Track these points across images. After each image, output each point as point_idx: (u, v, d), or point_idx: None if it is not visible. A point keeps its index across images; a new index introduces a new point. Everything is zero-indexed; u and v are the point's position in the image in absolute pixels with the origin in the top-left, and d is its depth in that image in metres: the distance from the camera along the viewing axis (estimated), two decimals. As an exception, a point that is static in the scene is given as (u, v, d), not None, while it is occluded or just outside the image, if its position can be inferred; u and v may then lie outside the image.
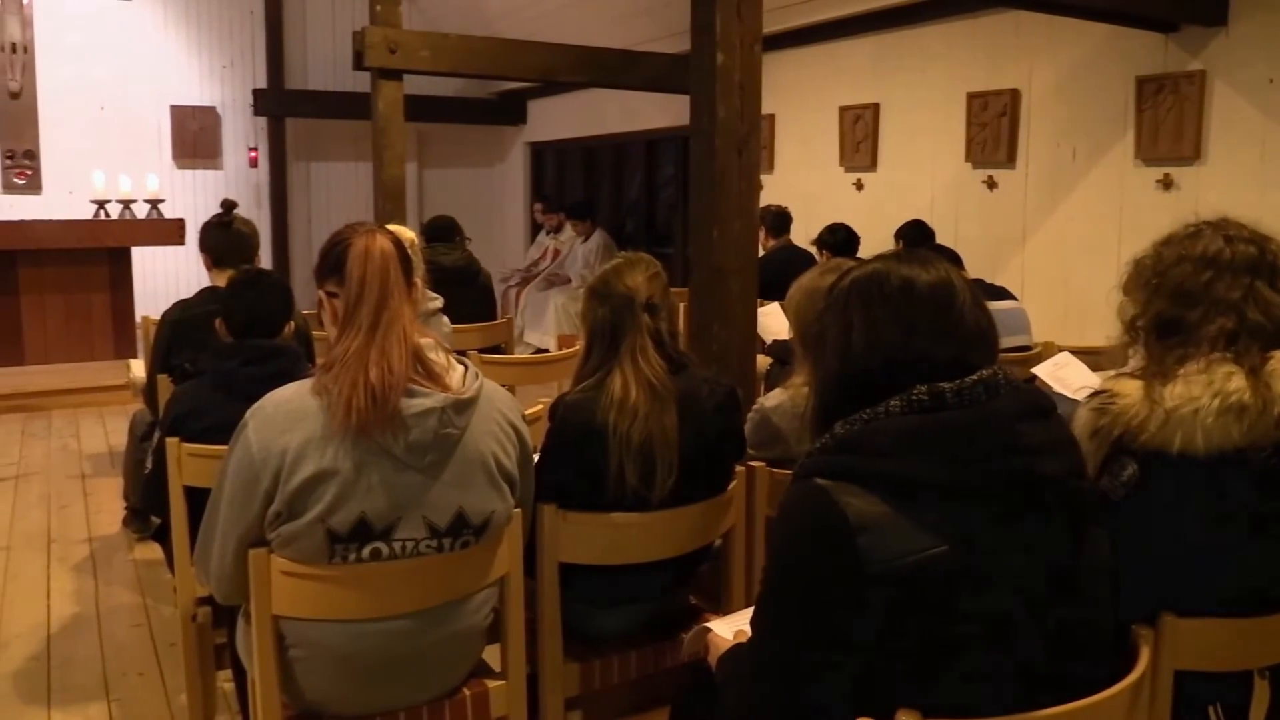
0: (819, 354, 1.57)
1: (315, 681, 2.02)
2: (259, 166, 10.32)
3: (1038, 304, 5.31)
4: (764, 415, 2.64)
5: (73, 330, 8.12)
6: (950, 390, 1.39)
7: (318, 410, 1.90)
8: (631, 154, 10.01)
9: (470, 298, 5.36)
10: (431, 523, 1.97)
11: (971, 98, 6.10)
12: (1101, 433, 1.79)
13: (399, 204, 5.93)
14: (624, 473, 2.27)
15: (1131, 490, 1.74)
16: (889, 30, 6.64)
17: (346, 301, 1.97)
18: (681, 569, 2.48)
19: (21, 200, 9.22)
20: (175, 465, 2.67)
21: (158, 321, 3.84)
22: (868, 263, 1.54)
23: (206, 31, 9.99)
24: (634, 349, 2.31)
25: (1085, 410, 1.83)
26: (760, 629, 1.49)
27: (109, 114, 9.58)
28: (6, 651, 3.55)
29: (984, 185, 6.09)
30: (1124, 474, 1.75)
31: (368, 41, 5.71)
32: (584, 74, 7.00)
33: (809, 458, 1.46)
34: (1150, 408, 1.72)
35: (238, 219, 3.75)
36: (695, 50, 3.19)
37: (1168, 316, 1.82)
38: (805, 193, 7.28)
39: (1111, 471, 1.78)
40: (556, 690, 2.34)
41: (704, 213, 3.18)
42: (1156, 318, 1.83)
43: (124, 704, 3.21)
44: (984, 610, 1.35)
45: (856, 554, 1.33)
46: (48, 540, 4.65)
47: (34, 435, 6.56)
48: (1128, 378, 1.82)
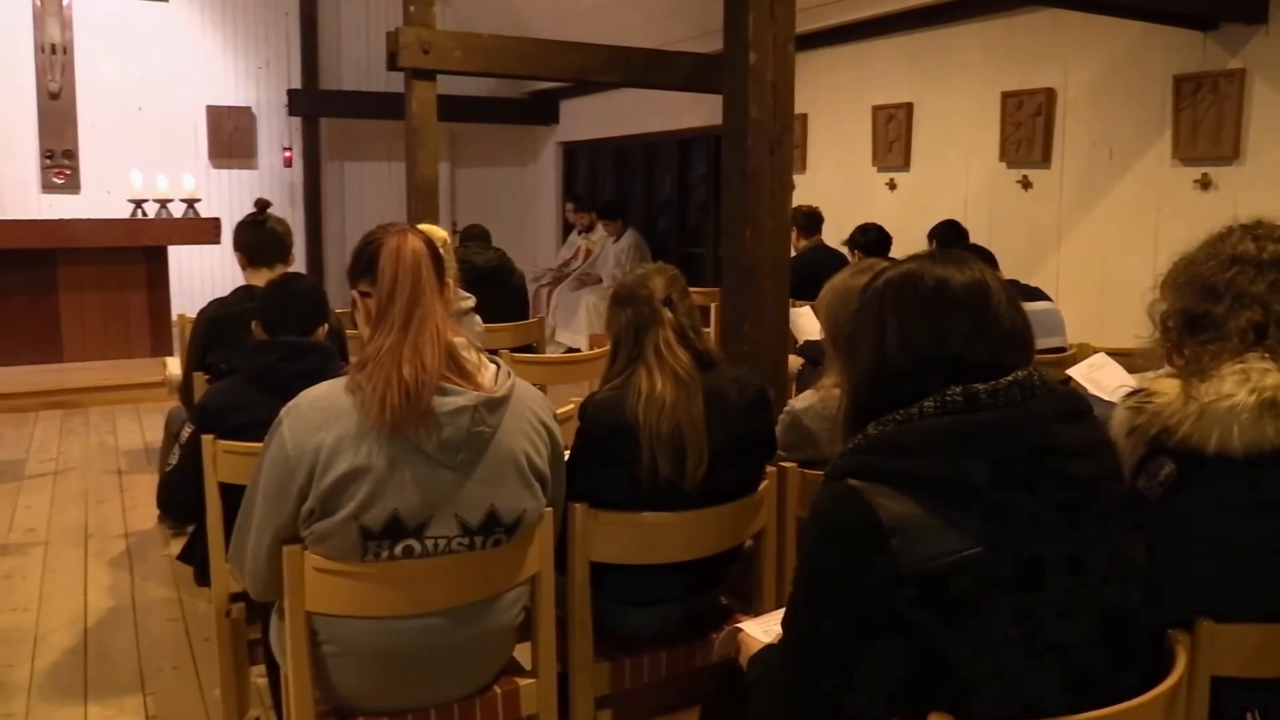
0: (851, 355, 1.56)
1: (347, 678, 2.04)
2: (293, 166, 10.41)
3: (1073, 305, 5.26)
4: (795, 417, 2.62)
5: (110, 328, 8.23)
6: (985, 391, 1.38)
7: (351, 408, 1.91)
8: (663, 154, 10.01)
9: (503, 297, 5.39)
10: (464, 521, 1.97)
11: (1006, 97, 6.05)
12: (1138, 431, 1.76)
13: (432, 204, 5.96)
14: (656, 464, 2.28)
15: (1169, 490, 1.71)
16: (923, 30, 6.60)
17: (379, 300, 1.98)
18: (712, 569, 2.48)
19: (61, 199, 9.36)
20: (210, 462, 2.69)
21: (194, 319, 3.89)
22: (901, 263, 1.53)
23: (242, 33, 10.09)
24: (657, 343, 2.33)
25: (1122, 409, 1.81)
26: (791, 630, 1.48)
27: (146, 114, 9.70)
28: (45, 644, 3.60)
29: (1019, 185, 6.04)
30: (1161, 473, 1.73)
31: (401, 42, 5.74)
32: (616, 74, 7.00)
33: (841, 458, 1.46)
34: (1186, 405, 1.70)
35: (272, 218, 3.79)
36: (728, 50, 3.19)
37: (1195, 312, 1.79)
38: (837, 193, 7.25)
39: (1149, 471, 1.75)
40: (587, 689, 2.34)
41: (736, 212, 3.18)
42: (1184, 314, 1.81)
43: (159, 698, 3.25)
44: (1019, 613, 1.34)
45: (890, 555, 1.32)
46: (85, 535, 4.71)
47: (72, 431, 6.65)
48: (1166, 377, 1.80)
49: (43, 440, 6.43)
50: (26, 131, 9.25)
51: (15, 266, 7.85)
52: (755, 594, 2.58)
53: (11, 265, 7.83)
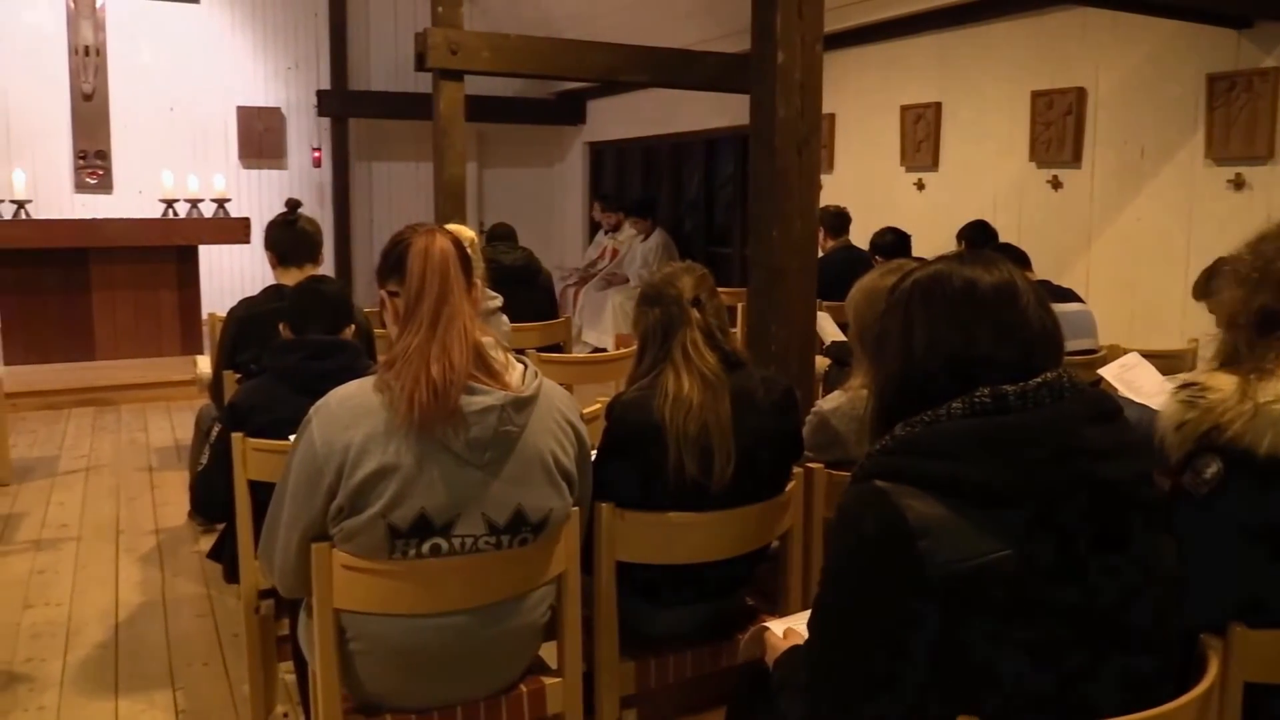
0: (879, 356, 1.55)
1: (374, 674, 2.05)
2: (322, 166, 10.48)
3: (1104, 306, 5.21)
4: (822, 418, 2.62)
5: (142, 326, 8.31)
6: (1014, 393, 1.37)
7: (380, 406, 1.92)
8: (690, 153, 10.00)
9: (530, 297, 5.40)
10: (490, 519, 1.98)
11: (1036, 96, 6.00)
12: (1188, 426, 1.72)
13: (459, 204, 5.98)
14: (682, 465, 2.27)
15: (1214, 489, 1.68)
16: (952, 29, 6.56)
17: (407, 300, 1.99)
18: (739, 570, 2.47)
19: (93, 199, 9.47)
20: (240, 460, 2.71)
21: (224, 318, 3.92)
22: (930, 263, 1.52)
23: (272, 34, 10.16)
24: (685, 343, 2.32)
25: (1174, 401, 1.77)
26: (818, 631, 1.48)
27: (178, 115, 9.79)
28: (78, 638, 3.65)
29: (1048, 185, 5.99)
30: (1207, 472, 1.69)
31: (429, 43, 5.76)
32: (643, 74, 7.00)
33: (868, 459, 1.45)
34: (1242, 403, 1.66)
35: (302, 218, 3.81)
36: (756, 49, 3.18)
37: (1272, 309, 1.75)
38: (865, 193, 7.22)
39: (1194, 468, 1.72)
40: (612, 688, 2.34)
41: (763, 213, 3.17)
42: (1260, 312, 1.76)
43: (188, 693, 3.28)
44: (1047, 615, 1.33)
45: (916, 557, 1.31)
46: (116, 531, 4.77)
47: (104, 428, 6.73)
48: (1223, 372, 1.76)
49: (75, 437, 6.50)
50: (60, 132, 9.36)
51: (49, 265, 7.95)
52: (781, 595, 2.57)
53: (45, 264, 7.93)
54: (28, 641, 3.62)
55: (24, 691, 3.27)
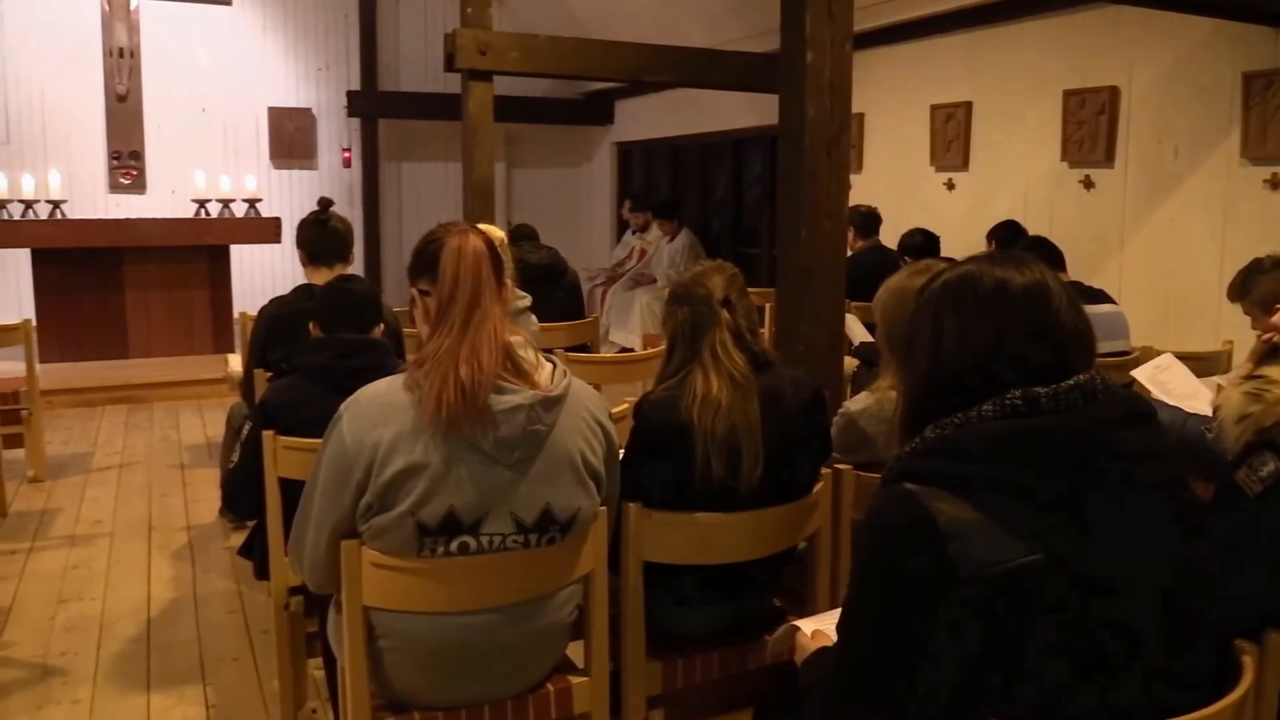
0: (908, 357, 1.54)
1: (403, 672, 2.06)
2: (352, 167, 10.54)
3: (1136, 307, 5.16)
4: (850, 419, 2.61)
5: (174, 325, 8.41)
6: (1045, 395, 1.36)
7: (409, 405, 1.93)
8: (718, 154, 9.98)
9: (557, 296, 5.41)
10: (518, 518, 1.99)
11: (1068, 95, 5.95)
12: (1249, 420, 1.70)
13: (488, 204, 6.00)
14: (710, 465, 2.27)
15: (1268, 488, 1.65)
16: (982, 27, 6.51)
17: (439, 299, 2.00)
18: (766, 571, 2.46)
19: (127, 199, 9.57)
20: (271, 457, 2.73)
21: (255, 317, 3.95)
22: (960, 264, 1.51)
23: (303, 35, 10.24)
24: (714, 344, 2.32)
25: (1238, 393, 1.74)
26: (846, 633, 1.47)
27: (210, 116, 9.88)
28: (110, 632, 3.69)
29: (1080, 185, 5.93)
30: (1264, 470, 1.66)
31: (459, 43, 5.79)
32: (671, 74, 6.99)
33: (898, 461, 1.44)
34: None
35: (334, 217, 3.83)
36: (785, 49, 3.17)
37: None
38: (895, 193, 7.18)
39: (1250, 464, 1.69)
40: (639, 688, 2.34)
41: (792, 213, 3.16)
42: None
43: (218, 688, 3.31)
44: (1079, 621, 1.31)
45: (946, 560, 1.30)
46: (149, 527, 4.82)
47: (136, 426, 6.80)
48: None
49: (109, 434, 6.58)
50: (95, 133, 9.47)
51: (84, 265, 8.05)
52: (809, 596, 2.57)
53: (80, 264, 8.04)
54: (62, 635, 3.67)
55: (58, 684, 3.31)
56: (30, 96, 9.27)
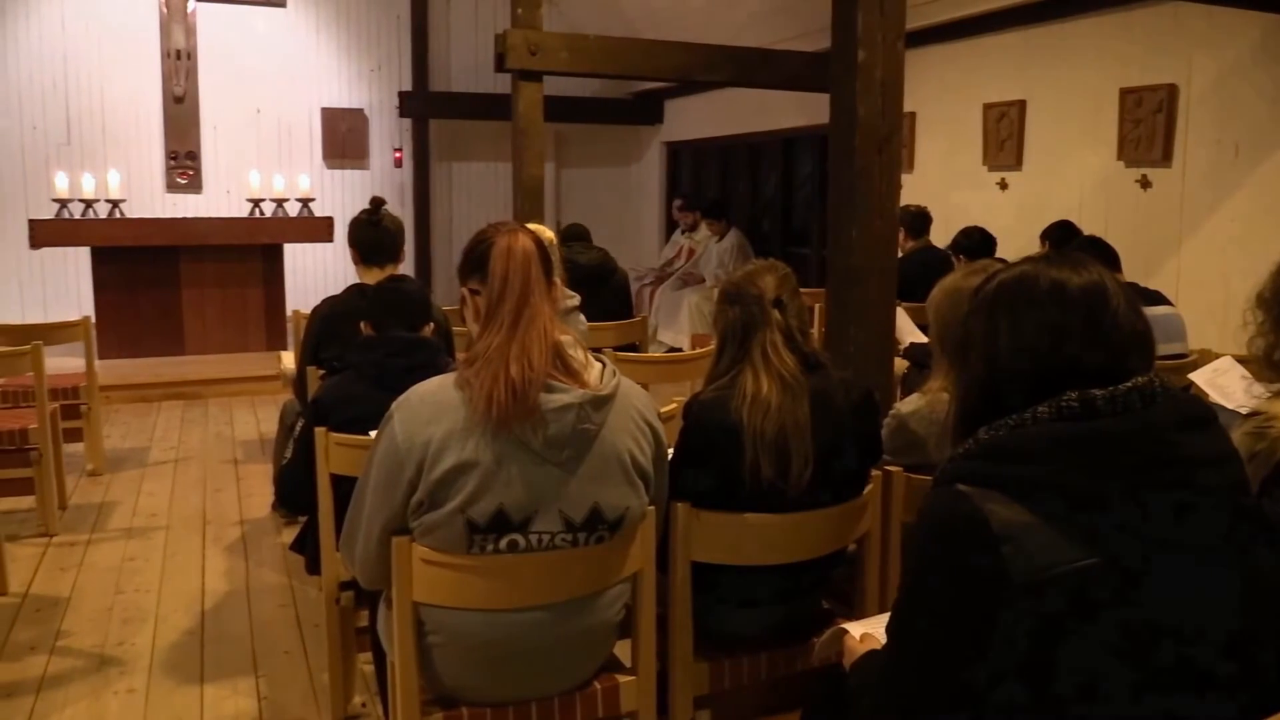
0: (962, 359, 1.52)
1: (452, 668, 2.08)
2: (403, 166, 10.63)
3: (1194, 309, 5.06)
4: (901, 421, 2.58)
5: (229, 322, 8.54)
6: (1103, 397, 1.33)
7: (460, 403, 1.95)
8: (768, 153, 9.95)
9: (606, 296, 5.42)
10: (567, 517, 1.99)
11: (1125, 93, 5.85)
12: (1259, 458, 1.68)
13: (538, 203, 6.02)
14: (759, 466, 2.26)
15: None
16: (1037, 25, 6.43)
17: (489, 298, 2.01)
18: (815, 572, 2.45)
19: (184, 199, 9.74)
20: (323, 454, 2.77)
21: (308, 315, 3.99)
22: (1015, 265, 1.49)
23: (356, 37, 10.35)
24: (764, 345, 2.31)
25: (1240, 434, 1.72)
26: (896, 637, 1.46)
27: (264, 116, 10.02)
28: (165, 624, 3.76)
29: (1137, 185, 5.83)
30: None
31: (509, 44, 5.81)
32: (721, 73, 6.97)
33: (951, 463, 1.42)
34: None
35: (386, 216, 3.86)
36: (836, 47, 3.15)
37: None
38: (946, 192, 7.11)
39: (1273, 495, 1.66)
40: (686, 688, 2.34)
41: (843, 212, 3.14)
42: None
43: (270, 680, 3.35)
44: (1135, 627, 1.29)
45: (1000, 564, 1.29)
46: (203, 521, 4.90)
47: (192, 421, 6.92)
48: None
49: (165, 429, 6.70)
50: (153, 134, 9.64)
51: (141, 263, 8.21)
52: (858, 599, 2.55)
53: (138, 262, 8.19)
54: (118, 625, 3.74)
55: (114, 673, 3.38)
56: (90, 98, 9.47)
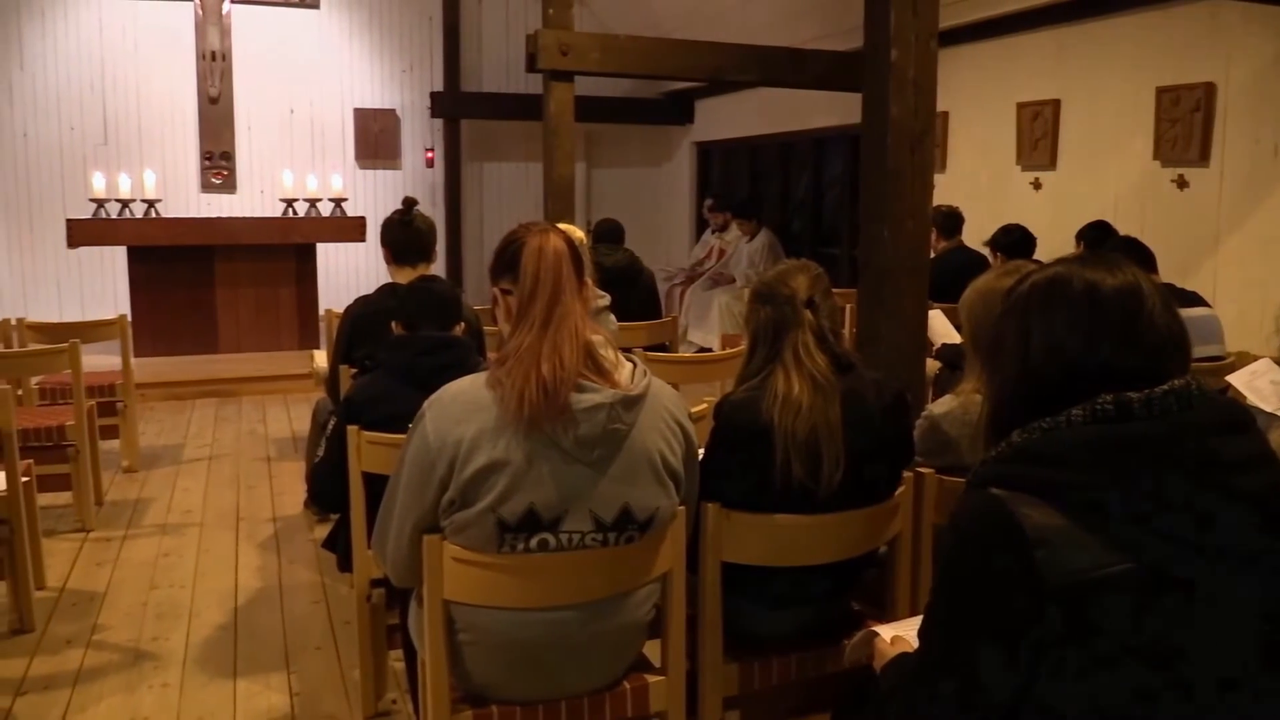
0: (995, 360, 1.51)
1: (482, 666, 2.09)
2: (435, 167, 10.69)
3: (1231, 311, 5.00)
4: (933, 422, 2.57)
5: (262, 321, 8.62)
6: (1139, 400, 1.32)
7: (491, 402, 1.95)
8: (799, 153, 9.92)
9: (634, 297, 5.42)
10: (598, 516, 2.00)
11: (1161, 92, 5.78)
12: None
13: (568, 203, 6.03)
14: (790, 467, 2.25)
15: None
16: (1072, 23, 6.37)
17: (520, 298, 2.02)
18: (846, 574, 2.44)
19: (218, 199, 9.85)
20: (355, 452, 2.79)
21: (340, 315, 4.02)
22: (1049, 266, 1.48)
23: (388, 38, 10.41)
24: (796, 345, 2.29)
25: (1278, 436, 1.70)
26: (928, 641, 1.45)
27: (298, 117, 10.12)
28: (199, 619, 3.80)
29: (1174, 185, 5.77)
30: None
31: (540, 44, 5.83)
32: (752, 73, 6.96)
33: (984, 465, 1.41)
34: None
35: (418, 216, 3.88)
36: (868, 47, 3.14)
37: None
38: (979, 192, 7.06)
39: None
40: (715, 688, 2.34)
41: (874, 212, 3.13)
42: None
43: (302, 676, 3.38)
44: (1170, 635, 1.27)
45: (1033, 568, 1.27)
46: (236, 518, 4.95)
47: (225, 419, 6.98)
48: None
49: (199, 427, 6.77)
50: (188, 134, 9.76)
51: (177, 262, 8.31)
52: (889, 601, 2.54)
53: (173, 261, 8.29)
54: (153, 621, 3.78)
55: (149, 668, 3.42)
56: (127, 99, 9.60)
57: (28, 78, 9.40)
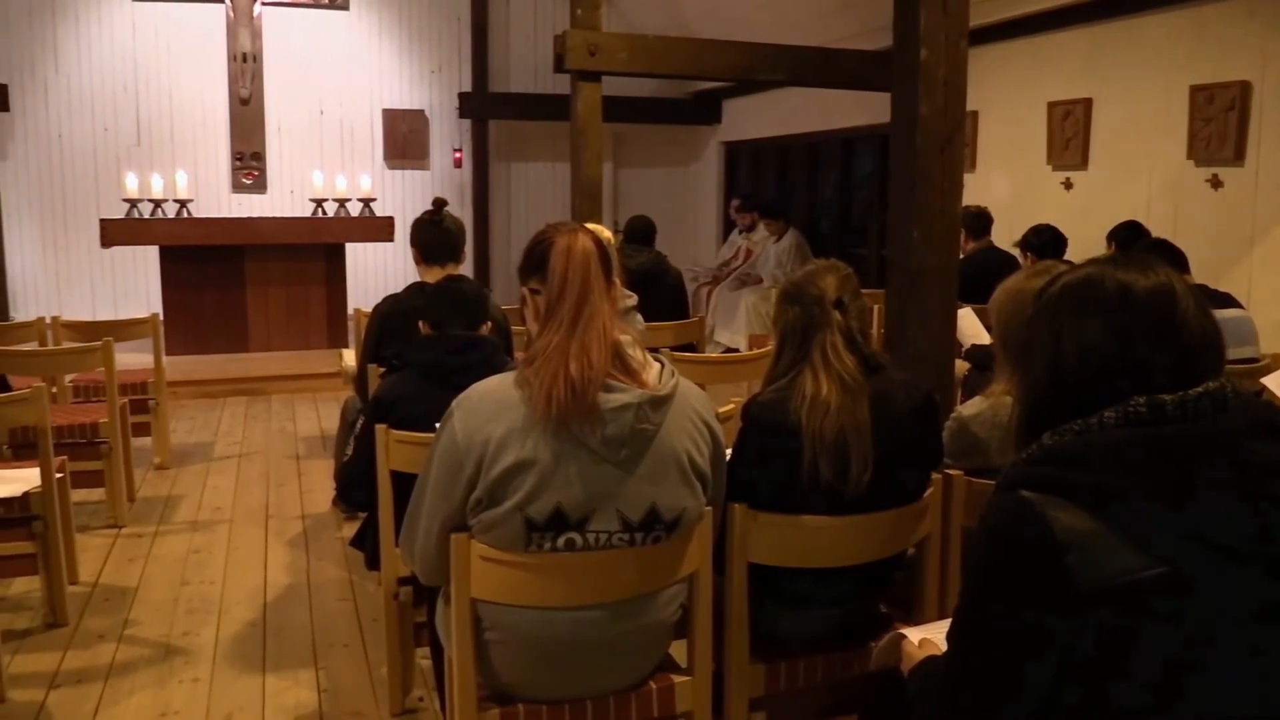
0: (1025, 362, 1.50)
1: (508, 664, 2.09)
2: (463, 167, 10.73)
3: (1267, 313, 4.94)
4: (963, 424, 2.55)
5: (292, 320, 8.69)
6: (1172, 403, 1.30)
7: (520, 402, 1.96)
8: (827, 153, 9.88)
9: (661, 297, 5.41)
10: (625, 516, 2.00)
11: (1195, 91, 5.72)
12: None
13: (595, 203, 6.04)
14: (818, 469, 2.24)
15: None
16: (1105, 21, 6.31)
17: (549, 298, 2.02)
18: (873, 576, 2.42)
19: (249, 199, 9.93)
20: (383, 451, 2.80)
21: (369, 314, 4.05)
22: (1080, 267, 1.46)
23: (417, 38, 10.46)
24: (824, 346, 2.28)
25: None
26: (957, 645, 1.44)
27: (327, 118, 10.18)
28: (228, 616, 3.83)
29: (1208, 184, 5.70)
30: None
31: (569, 44, 5.84)
32: (780, 72, 6.95)
33: (1013, 468, 1.40)
34: None
35: (447, 216, 3.90)
36: (898, 46, 3.13)
37: None
38: (1009, 193, 7.01)
39: None
40: (742, 689, 2.33)
41: (903, 213, 3.11)
42: None
43: (330, 672, 3.40)
44: (1204, 642, 1.26)
45: (1063, 572, 1.26)
46: (265, 515, 4.98)
47: (255, 417, 7.04)
48: None
49: (229, 425, 6.83)
50: (219, 135, 9.84)
51: (208, 262, 8.38)
52: (916, 603, 2.52)
53: (204, 261, 8.37)
54: (183, 616, 3.82)
55: (179, 663, 3.45)
56: (159, 101, 9.69)
57: (62, 79, 9.51)
